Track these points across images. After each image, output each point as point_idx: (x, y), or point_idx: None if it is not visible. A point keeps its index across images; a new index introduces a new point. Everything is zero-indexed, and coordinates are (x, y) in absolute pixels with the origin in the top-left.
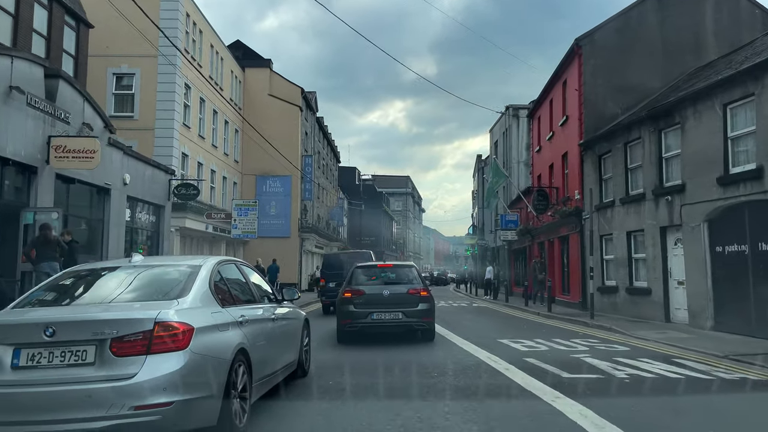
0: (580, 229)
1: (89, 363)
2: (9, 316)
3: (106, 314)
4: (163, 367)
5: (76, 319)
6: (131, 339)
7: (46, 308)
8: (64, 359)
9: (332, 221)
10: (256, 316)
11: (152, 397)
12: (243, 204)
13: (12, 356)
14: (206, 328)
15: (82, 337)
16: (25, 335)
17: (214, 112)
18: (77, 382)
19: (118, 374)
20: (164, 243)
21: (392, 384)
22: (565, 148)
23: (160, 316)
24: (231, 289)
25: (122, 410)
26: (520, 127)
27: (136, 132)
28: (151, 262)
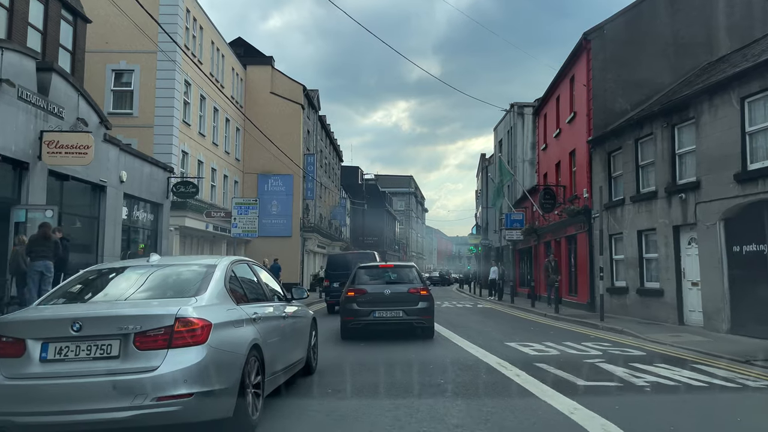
0: (588, 229)
1: (114, 356)
2: (36, 313)
3: (130, 310)
4: (184, 360)
5: (101, 315)
6: (153, 334)
7: (72, 304)
8: (90, 353)
9: (334, 221)
10: (267, 314)
11: (174, 388)
12: (243, 202)
13: (40, 350)
14: (223, 324)
15: (107, 331)
16: (53, 330)
17: (215, 109)
18: (103, 375)
19: (141, 367)
20: (163, 242)
21: (397, 389)
22: (573, 145)
23: (180, 312)
24: (244, 287)
25: (146, 401)
26: (525, 125)
27: (135, 129)
28: (168, 261)
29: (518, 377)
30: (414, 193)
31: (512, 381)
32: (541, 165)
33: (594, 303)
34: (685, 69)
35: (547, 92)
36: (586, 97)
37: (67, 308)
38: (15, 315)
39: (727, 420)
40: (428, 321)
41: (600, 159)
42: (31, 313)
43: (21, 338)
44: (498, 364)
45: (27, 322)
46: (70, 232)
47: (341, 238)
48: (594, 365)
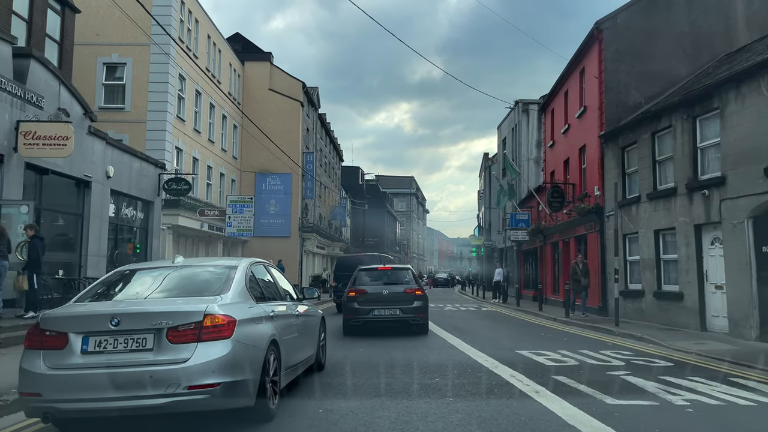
0: (600, 228)
1: (149, 349)
2: (76, 309)
3: (163, 307)
4: (212, 353)
5: (137, 311)
6: (184, 329)
7: (109, 302)
8: (127, 345)
9: (334, 221)
10: (283, 312)
11: (203, 378)
12: (238, 200)
13: (81, 342)
14: (245, 321)
15: (142, 326)
16: (93, 325)
17: (211, 105)
18: (139, 365)
19: (174, 359)
20: (153, 241)
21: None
22: (583, 141)
23: (208, 309)
24: (261, 287)
25: (178, 389)
26: (530, 123)
27: (127, 125)
28: (192, 263)
29: (537, 394)
30: (415, 193)
31: (531, 399)
32: (547, 163)
33: (606, 307)
34: (702, 60)
35: (555, 87)
36: (598, 89)
37: (106, 305)
38: (57, 311)
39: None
40: (423, 318)
41: (613, 155)
42: (71, 309)
43: (64, 332)
44: (512, 376)
45: (69, 317)
46: (51, 230)
47: (341, 239)
48: (620, 378)
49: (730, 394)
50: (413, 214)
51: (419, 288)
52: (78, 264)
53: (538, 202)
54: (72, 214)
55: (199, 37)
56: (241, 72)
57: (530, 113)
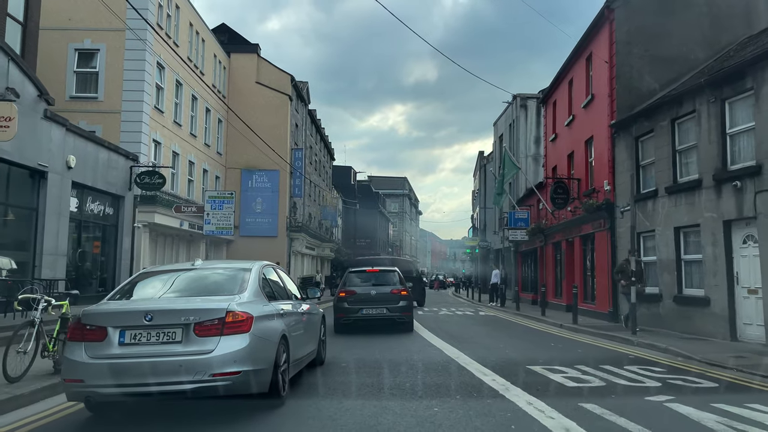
0: (610, 226)
1: (178, 341)
2: (113, 306)
3: (190, 305)
4: (233, 345)
5: (168, 308)
6: (209, 324)
7: (140, 300)
8: (159, 338)
9: (325, 221)
10: (290, 310)
11: (226, 367)
12: (217, 196)
13: (119, 335)
14: (261, 317)
15: (173, 321)
16: (129, 320)
17: (194, 97)
18: (170, 356)
19: (200, 350)
20: (124, 239)
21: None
22: (590, 132)
23: (230, 307)
24: (272, 287)
25: (204, 376)
26: (529, 118)
27: (100, 115)
28: (209, 265)
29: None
30: (408, 194)
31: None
32: (549, 158)
33: (617, 312)
34: (722, 44)
35: (558, 76)
36: (608, 75)
37: (138, 303)
38: (95, 308)
39: None
40: (408, 317)
41: (625, 145)
42: (108, 306)
43: (103, 326)
44: (529, 404)
45: (108, 313)
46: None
47: (332, 240)
48: (665, 408)
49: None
50: (406, 215)
51: (404, 289)
52: (32, 264)
53: (538, 200)
54: (24, 208)
55: (180, 25)
56: (226, 64)
57: (528, 108)
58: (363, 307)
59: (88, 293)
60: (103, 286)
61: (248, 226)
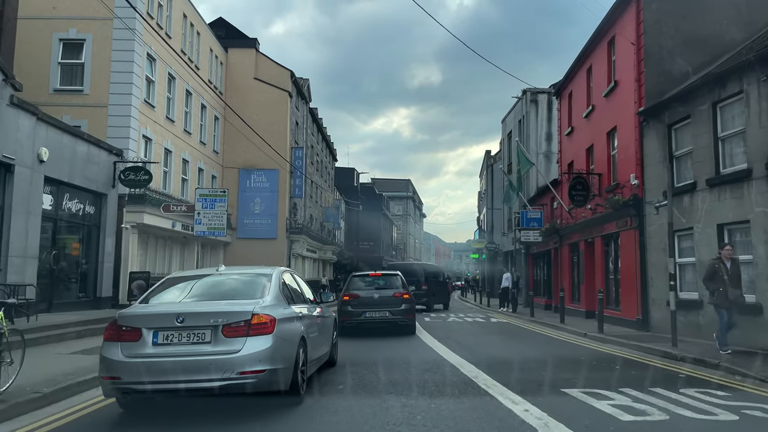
0: (638, 224)
1: (207, 342)
2: (146, 309)
3: (218, 308)
4: (258, 346)
5: (199, 311)
6: (236, 325)
7: (171, 303)
8: (190, 339)
9: (327, 223)
10: (307, 313)
11: (252, 366)
12: (209, 194)
13: (152, 336)
14: (283, 320)
15: (202, 323)
16: (162, 322)
17: (188, 93)
18: (200, 355)
19: (228, 349)
20: (107, 240)
21: None
22: (613, 122)
23: (255, 309)
24: (290, 291)
25: (232, 374)
26: (540, 114)
27: (86, 109)
28: (232, 271)
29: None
30: (412, 197)
31: None
32: (564, 153)
33: (647, 320)
34: (760, 24)
35: (574, 66)
36: (635, 58)
37: (170, 306)
38: (130, 311)
39: None
40: (410, 320)
41: (656, 134)
42: (141, 309)
43: (138, 327)
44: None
45: (142, 315)
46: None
47: (334, 242)
48: None
49: None
50: (410, 218)
51: (407, 292)
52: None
53: (552, 198)
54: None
55: (173, 15)
56: (223, 59)
57: (539, 103)
58: (366, 310)
59: (66, 299)
60: (83, 292)
61: (246, 228)
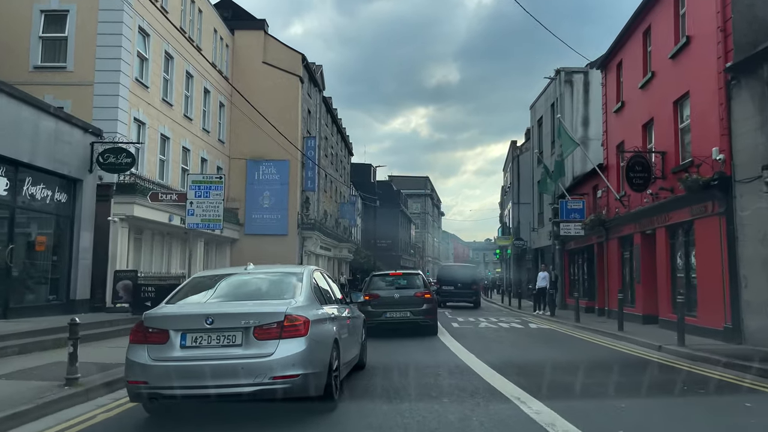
0: (726, 209)
1: (238, 344)
2: (174, 310)
3: (249, 308)
4: (291, 349)
5: (229, 312)
6: (268, 327)
7: (198, 303)
8: (220, 341)
9: (343, 220)
10: (338, 314)
11: (285, 370)
12: (202, 180)
13: (180, 338)
14: (316, 321)
15: (233, 325)
16: (191, 323)
17: (188, 75)
18: (231, 358)
19: (260, 353)
20: (82, 235)
21: None
22: (683, 87)
23: (288, 310)
24: (321, 291)
25: (265, 379)
26: (575, 96)
27: (70, 88)
28: (261, 269)
29: None
30: (430, 194)
31: None
32: (611, 134)
33: (739, 329)
34: None
35: (624, 32)
36: (718, 3)
37: (199, 306)
38: (157, 311)
39: None
40: (432, 320)
41: (751, 95)
42: (168, 309)
43: (165, 329)
44: None
45: (170, 316)
46: None
47: (350, 240)
48: None
49: None
50: (428, 216)
51: (428, 291)
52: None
53: (594, 186)
54: None
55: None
56: (229, 42)
57: (574, 84)
58: (387, 310)
59: (28, 302)
60: (55, 294)
61: (255, 223)
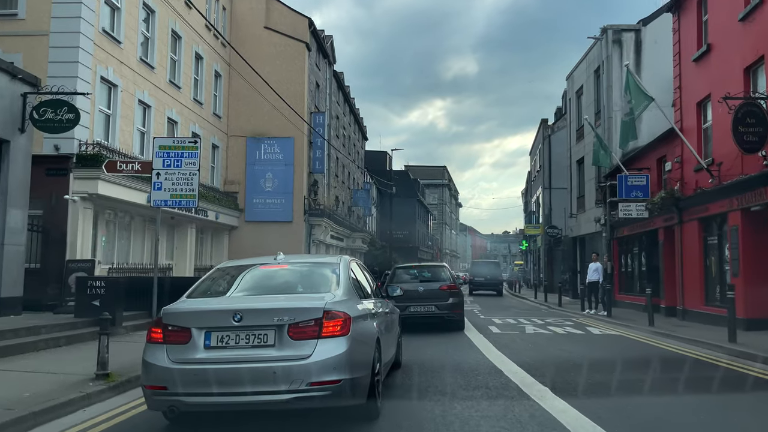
0: None
1: (270, 345)
2: (197, 304)
3: (283, 303)
4: (332, 350)
5: (260, 308)
6: (305, 325)
7: (224, 298)
8: (249, 341)
9: (357, 208)
10: (378, 309)
11: (325, 375)
12: (173, 145)
13: (204, 338)
14: (357, 318)
15: (264, 322)
16: (216, 320)
17: (175, 35)
18: (262, 361)
19: (295, 354)
20: (8, 214)
21: None
22: None
23: (327, 305)
24: (359, 284)
25: (301, 385)
26: (626, 58)
27: (21, 39)
28: (293, 259)
29: None
30: (448, 185)
31: None
32: (689, 89)
33: None
34: None
35: None
36: None
37: (225, 301)
38: (177, 307)
39: None
40: (458, 315)
41: None
42: (190, 305)
43: (187, 327)
44: None
45: (192, 312)
46: None
47: (364, 229)
48: None
49: None
50: (446, 208)
51: (454, 284)
52: None
53: (659, 159)
54: None
55: None
56: (227, 4)
57: (623, 45)
58: (411, 304)
59: None
60: None
61: (256, 209)
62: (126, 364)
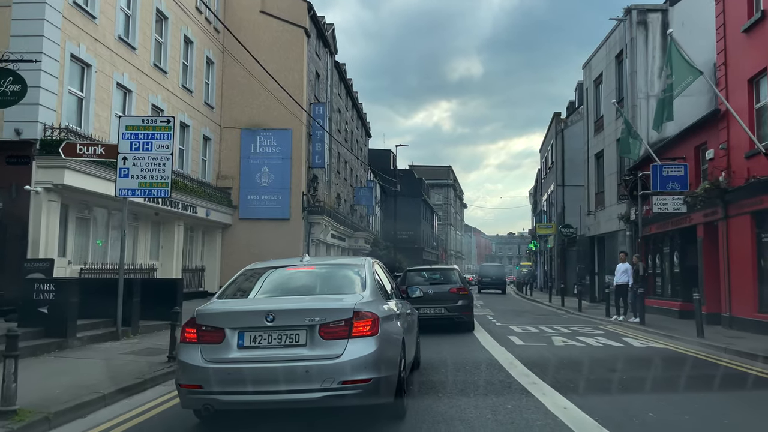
0: None
1: (302, 344)
2: (231, 305)
3: (314, 304)
4: (362, 349)
5: (292, 308)
6: (336, 325)
7: (258, 299)
8: (281, 341)
9: (359, 206)
10: (401, 310)
11: (356, 374)
12: (142, 125)
13: (237, 338)
14: (385, 318)
15: (296, 322)
16: (249, 321)
17: (161, 15)
18: (295, 360)
19: (327, 354)
20: None
21: None
22: None
23: (357, 306)
24: (383, 285)
25: (333, 384)
26: (651, 42)
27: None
28: (318, 261)
29: None
30: (453, 185)
31: None
32: (736, 64)
33: None
34: None
35: None
36: None
37: (257, 302)
38: (210, 307)
39: None
40: (468, 317)
41: None
42: (222, 305)
43: (220, 327)
44: None
45: (225, 313)
46: None
47: (367, 229)
48: None
49: None
50: (451, 208)
51: (464, 287)
52: None
53: (697, 147)
54: None
55: None
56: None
57: (650, 26)
58: (420, 306)
59: None
60: None
61: (251, 206)
62: (57, 392)
